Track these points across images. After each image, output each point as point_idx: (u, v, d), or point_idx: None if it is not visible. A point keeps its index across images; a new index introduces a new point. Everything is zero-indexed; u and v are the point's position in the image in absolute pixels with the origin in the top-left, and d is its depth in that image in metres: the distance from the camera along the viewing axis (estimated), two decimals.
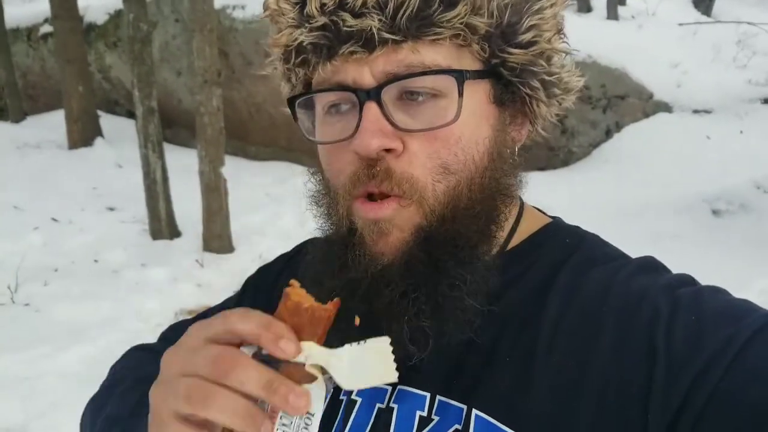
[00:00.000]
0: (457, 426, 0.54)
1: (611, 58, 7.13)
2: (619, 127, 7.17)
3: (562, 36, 0.59)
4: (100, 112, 8.65)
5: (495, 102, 0.57)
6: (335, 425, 0.61)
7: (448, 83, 0.52)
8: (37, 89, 10.34)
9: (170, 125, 8.41)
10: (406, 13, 0.50)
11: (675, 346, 0.48)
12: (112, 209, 6.53)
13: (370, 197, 0.55)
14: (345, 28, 0.51)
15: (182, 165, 6.53)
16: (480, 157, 0.55)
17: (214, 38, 5.43)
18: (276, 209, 6.07)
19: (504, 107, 0.58)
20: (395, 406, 0.58)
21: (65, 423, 3.29)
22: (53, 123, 8.76)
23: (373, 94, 0.52)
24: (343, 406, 0.62)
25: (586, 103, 7.10)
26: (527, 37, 0.55)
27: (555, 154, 7.13)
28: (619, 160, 6.77)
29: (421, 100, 0.53)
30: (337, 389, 0.63)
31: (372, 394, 0.60)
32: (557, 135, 7.08)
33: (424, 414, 0.56)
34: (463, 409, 0.54)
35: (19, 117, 9.70)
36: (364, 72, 0.53)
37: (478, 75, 0.55)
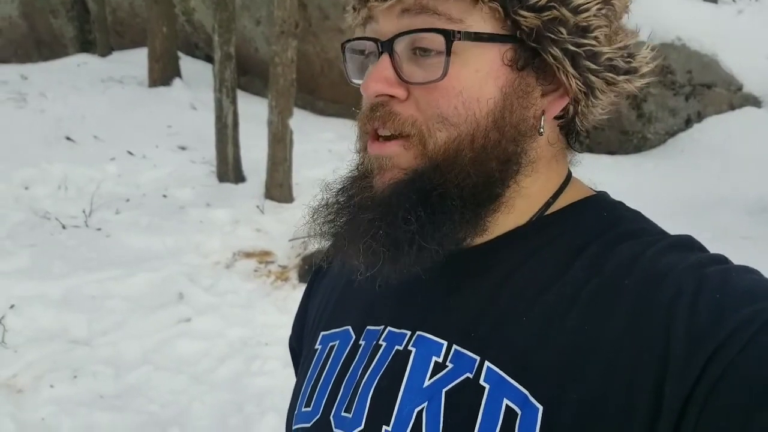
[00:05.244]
0: (468, 375, 0.56)
1: (702, 42, 6.76)
2: (700, 117, 6.84)
3: (609, 8, 0.57)
4: (180, 54, 8.91)
5: (512, 65, 0.57)
6: (353, 368, 0.64)
7: (443, 40, 0.55)
8: (125, 26, 10.72)
9: (245, 73, 8.58)
10: None
11: (696, 322, 0.48)
12: (183, 148, 6.78)
13: (380, 137, 0.60)
14: None
15: (253, 113, 6.69)
16: (482, 115, 0.56)
17: None
18: (337, 165, 6.12)
19: (527, 73, 0.57)
20: (413, 349, 0.60)
21: (125, 341, 3.53)
22: (136, 60, 9.09)
23: (386, 46, 0.57)
24: (362, 349, 0.65)
25: (669, 88, 6.78)
26: (542, 0, 0.54)
27: (628, 139, 6.89)
28: (695, 151, 6.48)
29: (432, 54, 0.56)
30: (358, 334, 0.67)
31: (392, 338, 0.63)
32: (632, 119, 6.82)
33: (440, 360, 0.58)
34: (476, 360, 0.56)
35: (105, 51, 10.12)
36: (386, 23, 0.58)
37: (482, 37, 0.55)
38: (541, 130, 0.59)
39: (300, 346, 0.81)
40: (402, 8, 0.56)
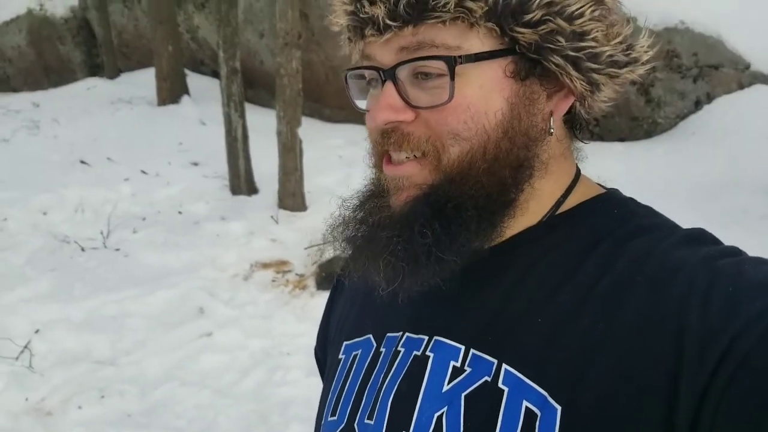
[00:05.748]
0: (486, 378, 0.56)
1: (706, 24, 6.68)
2: (710, 98, 6.75)
3: (602, 8, 0.59)
4: (186, 71, 9.00)
5: (515, 77, 0.58)
6: (375, 375, 0.66)
7: (445, 66, 0.56)
8: (131, 48, 10.85)
9: (252, 86, 8.64)
10: (403, 1, 0.56)
11: (709, 316, 0.48)
12: (195, 164, 6.84)
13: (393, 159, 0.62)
14: (362, 15, 0.59)
15: (262, 124, 6.73)
16: (492, 127, 0.58)
17: (296, 0, 5.51)
18: (348, 171, 6.17)
19: (530, 81, 0.59)
20: (431, 354, 0.61)
21: (149, 359, 3.57)
22: (144, 80, 9.20)
23: (389, 74, 0.59)
24: (383, 356, 0.66)
25: (676, 72, 6.72)
26: (537, 15, 0.56)
27: (638, 125, 6.83)
28: (706, 133, 6.40)
29: (433, 77, 0.58)
30: (378, 341, 0.68)
31: (410, 344, 0.64)
32: (641, 105, 6.77)
33: (458, 365, 0.59)
34: (494, 363, 0.57)
35: (113, 73, 10.25)
36: (385, 53, 0.59)
37: (482, 57, 0.57)
38: (551, 130, 0.61)
39: (325, 357, 0.83)
40: (400, 46, 0.58)
